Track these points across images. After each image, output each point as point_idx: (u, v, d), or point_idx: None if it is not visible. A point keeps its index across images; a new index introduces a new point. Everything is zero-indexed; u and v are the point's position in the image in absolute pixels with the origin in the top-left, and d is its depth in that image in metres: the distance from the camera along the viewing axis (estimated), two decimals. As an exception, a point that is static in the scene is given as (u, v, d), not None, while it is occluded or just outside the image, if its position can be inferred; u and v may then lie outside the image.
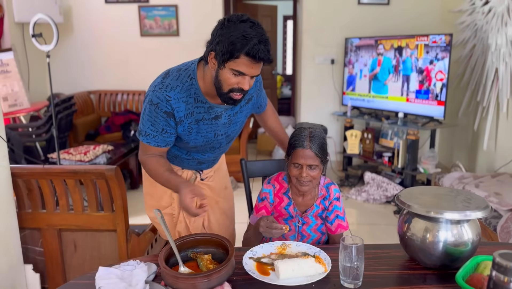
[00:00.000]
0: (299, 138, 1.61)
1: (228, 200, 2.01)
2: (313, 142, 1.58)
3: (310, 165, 1.58)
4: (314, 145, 1.58)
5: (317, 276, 1.31)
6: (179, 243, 1.38)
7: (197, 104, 1.56)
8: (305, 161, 1.57)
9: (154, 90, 1.53)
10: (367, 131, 4.49)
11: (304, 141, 1.58)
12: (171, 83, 1.52)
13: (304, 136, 1.60)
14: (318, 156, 1.58)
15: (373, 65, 4.42)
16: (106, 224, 1.97)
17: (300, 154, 1.58)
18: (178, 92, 1.52)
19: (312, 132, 1.61)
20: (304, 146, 1.58)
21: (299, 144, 1.59)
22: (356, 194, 4.21)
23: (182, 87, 1.52)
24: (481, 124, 4.02)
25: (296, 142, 1.61)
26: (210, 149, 1.75)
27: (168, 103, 1.51)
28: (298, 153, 1.59)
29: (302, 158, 1.58)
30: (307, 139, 1.59)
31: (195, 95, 1.54)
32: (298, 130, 1.65)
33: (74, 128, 4.64)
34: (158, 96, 1.51)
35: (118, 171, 1.85)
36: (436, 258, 1.34)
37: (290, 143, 1.64)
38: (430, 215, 1.33)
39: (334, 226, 1.72)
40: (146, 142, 1.60)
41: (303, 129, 1.63)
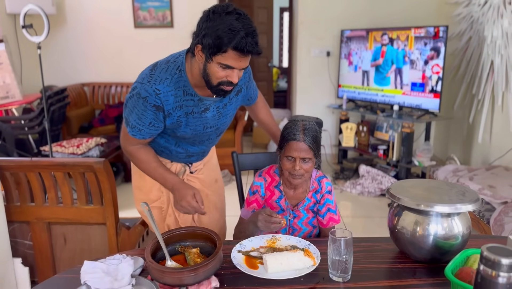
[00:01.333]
0: (292, 130, 1.58)
1: (218, 193, 1.99)
2: (306, 135, 1.56)
3: (303, 157, 1.55)
4: (307, 137, 1.56)
5: (306, 269, 1.29)
6: (166, 236, 1.36)
7: (186, 97, 1.53)
8: (298, 153, 1.55)
9: (142, 83, 1.50)
10: (363, 124, 4.48)
11: (297, 134, 1.56)
12: (160, 76, 1.49)
13: (297, 129, 1.57)
14: (312, 149, 1.56)
15: (376, 55, 4.37)
16: (95, 217, 1.95)
17: (294, 147, 1.56)
18: (167, 85, 1.49)
19: (305, 125, 1.59)
20: (298, 139, 1.55)
21: (292, 137, 1.57)
22: (351, 186, 4.20)
23: (171, 80, 1.49)
24: (476, 117, 4.01)
25: (289, 135, 1.58)
26: (199, 141, 1.73)
27: (158, 97, 1.48)
28: (292, 145, 1.56)
29: (295, 150, 1.55)
30: (300, 132, 1.56)
31: (184, 88, 1.52)
32: (291, 122, 1.62)
33: (68, 121, 4.60)
34: (147, 90, 1.48)
35: (106, 164, 1.83)
36: (426, 251, 1.33)
37: (283, 136, 1.61)
38: (420, 208, 1.31)
39: (325, 220, 1.71)
40: (131, 134, 1.58)
41: (296, 122, 1.61)
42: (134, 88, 1.52)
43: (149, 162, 1.68)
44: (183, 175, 1.83)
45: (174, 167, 1.83)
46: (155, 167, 1.66)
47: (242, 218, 1.74)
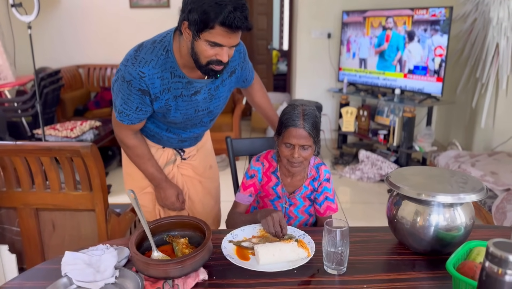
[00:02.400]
0: (292, 116, 1.49)
1: (213, 180, 1.92)
2: (306, 121, 1.47)
3: (302, 145, 1.47)
4: (307, 123, 1.47)
5: (299, 261, 1.23)
6: (153, 226, 1.29)
7: (174, 79, 1.44)
8: (297, 141, 1.46)
9: (126, 66, 1.41)
10: (363, 108, 4.38)
11: (297, 120, 1.47)
12: (145, 58, 1.40)
13: (297, 115, 1.48)
14: (311, 136, 1.47)
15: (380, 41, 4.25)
16: (84, 203, 1.89)
17: (293, 134, 1.47)
18: (153, 67, 1.40)
19: (305, 110, 1.49)
20: (297, 125, 1.46)
21: (291, 123, 1.48)
22: (350, 172, 4.13)
23: (156, 62, 1.41)
24: (479, 102, 3.91)
25: (289, 120, 1.49)
26: (191, 125, 1.65)
27: (142, 80, 1.40)
28: (291, 132, 1.47)
29: (294, 137, 1.46)
30: (300, 118, 1.47)
31: (171, 69, 1.43)
32: (290, 107, 1.53)
33: (62, 103, 4.51)
34: (131, 73, 1.40)
35: (94, 149, 1.75)
36: (426, 243, 1.26)
37: (282, 122, 1.52)
38: (421, 198, 1.24)
39: (322, 208, 1.64)
40: (119, 120, 1.52)
41: (296, 107, 1.52)
42: (118, 71, 1.44)
43: (141, 156, 1.65)
44: (174, 163, 1.76)
45: (166, 152, 1.76)
46: (144, 161, 1.65)
47: (237, 202, 1.66)
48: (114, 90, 1.50)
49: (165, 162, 1.76)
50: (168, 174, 1.76)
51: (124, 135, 1.59)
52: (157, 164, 1.69)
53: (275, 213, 1.39)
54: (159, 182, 1.69)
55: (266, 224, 1.38)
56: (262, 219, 1.40)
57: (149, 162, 1.65)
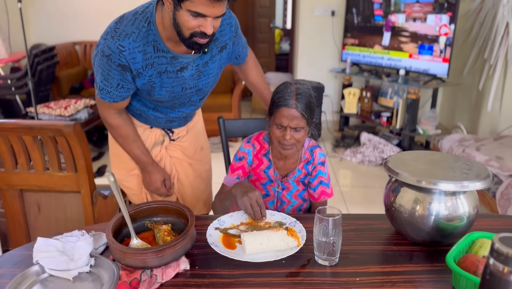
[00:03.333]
0: (284, 95, 1.39)
1: (204, 162, 1.83)
2: (299, 101, 1.37)
3: (294, 126, 1.37)
4: (300, 103, 1.37)
5: (289, 250, 1.15)
6: (133, 211, 1.21)
7: (157, 53, 1.34)
8: (289, 121, 1.37)
9: (105, 39, 1.31)
10: (366, 89, 4.26)
11: (289, 99, 1.37)
12: (125, 30, 1.30)
13: (289, 94, 1.38)
14: (304, 117, 1.37)
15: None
16: (69, 185, 1.81)
17: (284, 114, 1.37)
18: (133, 40, 1.30)
19: (299, 89, 1.39)
20: (289, 105, 1.36)
21: (283, 102, 1.38)
22: (351, 155, 4.04)
23: (138, 34, 1.30)
24: (486, 84, 3.78)
25: (280, 100, 1.39)
26: (180, 104, 1.55)
27: (122, 54, 1.30)
28: (282, 112, 1.38)
29: (286, 118, 1.37)
30: (292, 97, 1.37)
31: (154, 42, 1.32)
32: (283, 85, 1.43)
33: (57, 81, 4.41)
34: (110, 47, 1.30)
35: (77, 128, 1.66)
36: (425, 233, 1.18)
37: (273, 101, 1.42)
38: (421, 185, 1.15)
39: (317, 193, 1.55)
40: (100, 97, 1.42)
41: (289, 85, 1.41)
42: (98, 45, 1.34)
43: (122, 134, 1.56)
44: (162, 144, 1.67)
45: (154, 133, 1.67)
46: (129, 142, 1.57)
47: (225, 185, 1.58)
48: (95, 66, 1.41)
49: (152, 142, 1.68)
50: (156, 156, 1.68)
51: (107, 114, 1.50)
52: (143, 146, 1.60)
53: (252, 193, 1.30)
54: (144, 165, 1.61)
55: (243, 205, 1.30)
56: (239, 199, 1.32)
57: (134, 143, 1.56)
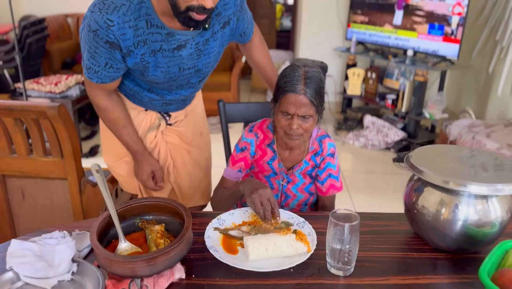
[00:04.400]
0: (291, 79, 1.23)
1: (203, 149, 1.69)
2: (308, 86, 1.22)
3: (303, 115, 1.23)
4: (309, 89, 1.22)
5: (297, 257, 1.02)
6: (122, 209, 1.07)
7: (150, 29, 1.18)
8: (296, 109, 1.22)
9: (92, 12, 1.15)
10: (371, 70, 4.08)
11: (297, 84, 1.22)
12: (114, 2, 1.14)
13: (298, 78, 1.22)
14: (314, 104, 1.22)
15: None
16: (55, 171, 1.67)
17: (291, 100, 1.22)
18: (123, 14, 1.14)
19: (308, 73, 1.24)
20: (297, 90, 1.21)
21: (290, 87, 1.22)
22: (354, 138, 3.90)
23: (128, 7, 1.14)
24: (497, 67, 3.61)
25: (287, 85, 1.23)
26: (177, 86, 1.40)
27: (109, 30, 1.14)
28: (289, 98, 1.23)
29: (293, 105, 1.22)
30: (301, 82, 1.22)
31: (147, 17, 1.16)
32: (290, 68, 1.27)
33: (48, 55, 4.21)
34: (97, 21, 1.14)
35: (63, 110, 1.50)
36: (451, 240, 1.05)
37: (279, 86, 1.26)
38: (449, 187, 1.01)
39: (325, 187, 1.41)
40: (87, 77, 1.27)
41: (296, 68, 1.25)
42: (84, 18, 1.18)
43: (110, 117, 1.42)
44: (157, 129, 1.52)
45: (149, 116, 1.52)
46: (118, 128, 1.44)
47: (225, 178, 1.44)
48: (82, 41, 1.25)
49: (147, 127, 1.53)
50: (151, 142, 1.53)
51: (95, 94, 1.34)
52: (135, 133, 1.45)
53: (263, 190, 1.16)
54: (134, 154, 1.48)
55: (252, 203, 1.16)
56: (248, 197, 1.18)
57: (124, 129, 1.42)
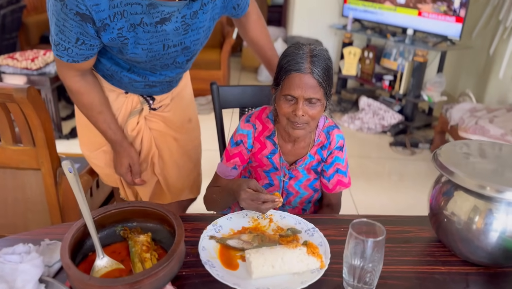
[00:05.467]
0: (295, 58, 1.06)
1: (192, 137, 1.51)
2: (315, 65, 1.05)
3: (309, 98, 1.06)
4: (316, 68, 1.05)
5: (309, 275, 0.86)
6: (100, 216, 0.90)
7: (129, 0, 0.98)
8: (302, 92, 1.05)
9: None
10: (368, 49, 3.90)
11: (302, 63, 1.05)
12: None
13: (303, 56, 1.06)
14: (322, 86, 1.06)
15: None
16: (27, 161, 1.48)
17: (296, 81, 1.05)
18: None
19: (314, 51, 1.07)
20: (302, 69, 1.05)
21: (294, 67, 1.05)
22: (349, 121, 3.75)
23: None
24: (499, 48, 3.47)
25: (291, 64, 1.06)
26: (162, 66, 1.21)
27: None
28: (293, 79, 1.06)
29: (298, 87, 1.05)
30: (306, 60, 1.05)
31: None
32: (293, 47, 1.10)
33: (25, 28, 3.92)
34: None
35: (33, 93, 1.30)
36: (485, 253, 0.91)
37: (281, 66, 1.09)
38: (485, 193, 0.86)
39: (331, 183, 1.26)
40: (56, 55, 1.08)
41: (301, 46, 1.08)
42: None
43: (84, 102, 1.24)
44: (140, 114, 1.34)
45: (130, 100, 1.34)
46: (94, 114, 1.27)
47: (218, 175, 1.27)
48: (48, 13, 1.05)
49: (128, 112, 1.35)
50: (133, 130, 1.35)
51: (66, 75, 1.15)
52: (112, 120, 1.28)
53: (243, 192, 1.01)
54: (112, 144, 1.32)
55: (246, 204, 1.01)
56: (240, 202, 1.02)
57: (100, 115, 1.24)
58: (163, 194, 1.48)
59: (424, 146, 3.38)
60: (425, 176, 2.99)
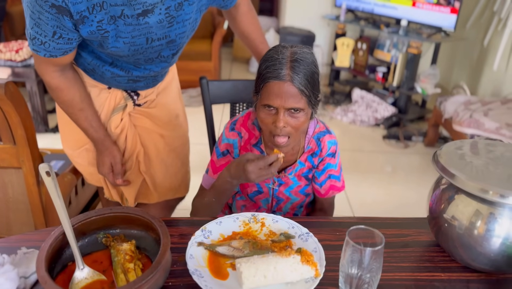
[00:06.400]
0: (274, 63, 0.97)
1: (179, 134, 1.45)
2: (295, 71, 0.96)
3: (290, 108, 0.98)
4: (297, 74, 0.96)
5: (303, 285, 0.82)
6: (79, 223, 0.84)
7: None
8: (282, 101, 0.97)
9: None
10: (362, 40, 3.84)
11: (281, 69, 0.96)
12: None
13: (282, 61, 0.97)
14: (304, 93, 0.97)
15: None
16: (7, 159, 1.41)
17: (275, 90, 0.97)
18: None
19: (295, 54, 0.98)
20: (281, 77, 0.96)
21: (273, 74, 0.97)
22: (341, 113, 3.70)
23: None
24: (493, 40, 3.44)
25: (269, 70, 0.97)
26: (146, 61, 1.15)
27: None
28: (272, 88, 0.97)
29: (277, 96, 0.97)
30: (286, 66, 0.96)
31: None
32: (273, 50, 1.01)
33: (9, 18, 3.81)
34: None
35: (11, 88, 1.23)
36: (487, 259, 0.87)
37: (260, 73, 1.00)
38: (487, 197, 0.82)
39: (324, 189, 1.19)
40: (32, 49, 1.01)
41: (281, 49, 1.00)
42: None
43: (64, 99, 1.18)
44: (123, 110, 1.28)
45: (113, 95, 1.27)
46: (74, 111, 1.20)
47: (204, 188, 1.19)
48: (23, 4, 0.98)
49: (111, 108, 1.29)
50: (116, 127, 1.29)
51: (44, 71, 1.09)
52: (94, 117, 1.21)
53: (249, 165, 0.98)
54: (94, 142, 1.26)
55: (263, 176, 1.00)
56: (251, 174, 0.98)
57: (80, 113, 1.17)
58: (149, 194, 1.42)
59: (418, 138, 3.35)
60: (419, 169, 2.96)
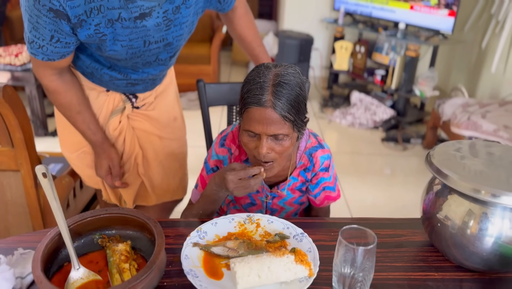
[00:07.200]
0: (255, 87, 0.92)
1: (177, 137, 1.46)
2: (278, 96, 0.91)
3: (273, 134, 0.94)
4: (280, 100, 0.91)
5: (297, 284, 0.82)
6: (75, 224, 0.85)
7: None
8: (264, 128, 0.92)
9: None
10: (360, 43, 3.86)
11: (262, 95, 0.91)
12: None
13: (264, 86, 0.91)
14: (288, 118, 0.93)
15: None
16: (6, 162, 1.42)
17: (256, 117, 0.92)
18: None
19: (278, 77, 0.92)
20: (263, 103, 0.91)
21: (253, 99, 0.92)
22: (340, 116, 3.71)
23: None
24: (491, 42, 3.45)
25: (249, 95, 0.93)
26: (144, 64, 1.16)
27: None
28: (253, 114, 0.92)
29: (258, 123, 0.92)
30: (267, 92, 0.91)
31: None
32: (255, 71, 0.96)
33: (9, 22, 3.83)
34: None
35: (9, 92, 1.24)
36: (479, 259, 0.87)
37: (242, 96, 0.96)
38: (479, 197, 0.83)
39: (319, 199, 1.18)
40: (30, 53, 1.02)
41: (264, 71, 0.94)
42: None
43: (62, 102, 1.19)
44: (122, 112, 1.29)
45: (112, 98, 1.28)
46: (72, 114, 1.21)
47: (193, 203, 1.17)
48: (22, 8, 1.00)
49: (110, 111, 1.30)
50: (115, 129, 1.30)
51: (42, 74, 1.10)
52: (92, 119, 1.23)
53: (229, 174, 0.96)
54: (92, 145, 1.27)
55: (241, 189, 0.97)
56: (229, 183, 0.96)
57: (78, 116, 1.19)
58: (147, 196, 1.43)
59: (416, 141, 3.35)
60: (417, 171, 2.97)
